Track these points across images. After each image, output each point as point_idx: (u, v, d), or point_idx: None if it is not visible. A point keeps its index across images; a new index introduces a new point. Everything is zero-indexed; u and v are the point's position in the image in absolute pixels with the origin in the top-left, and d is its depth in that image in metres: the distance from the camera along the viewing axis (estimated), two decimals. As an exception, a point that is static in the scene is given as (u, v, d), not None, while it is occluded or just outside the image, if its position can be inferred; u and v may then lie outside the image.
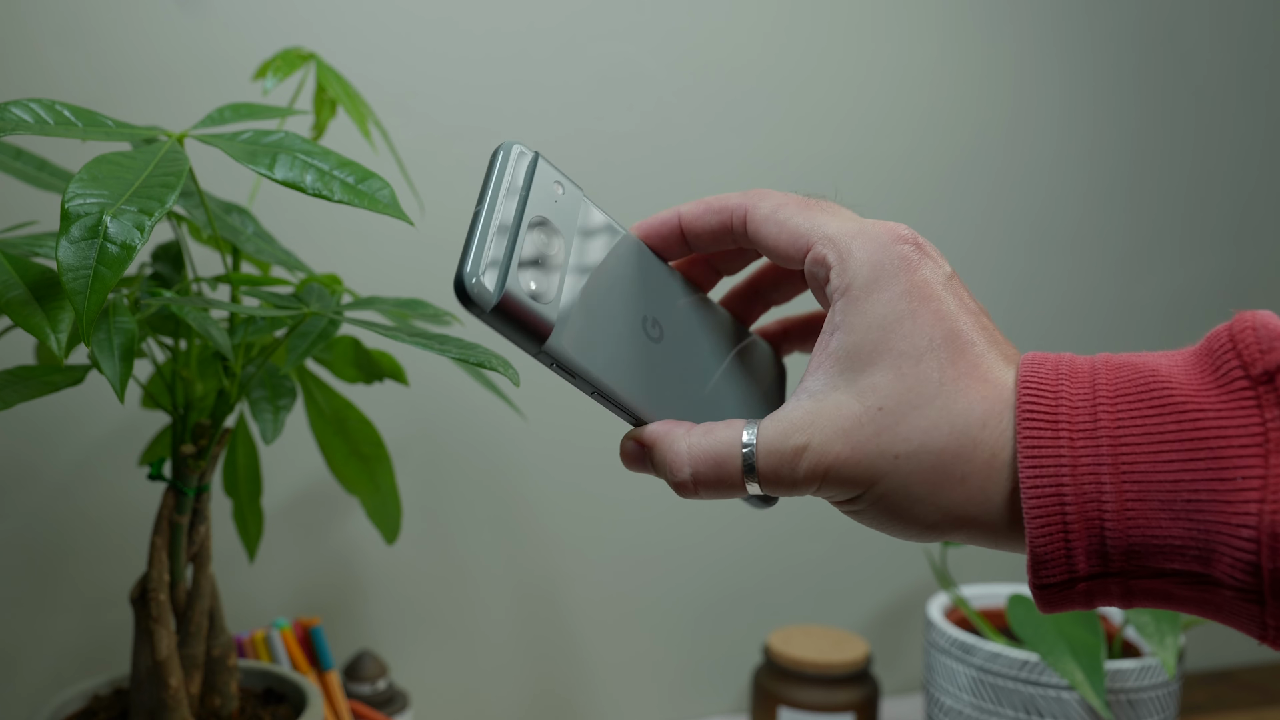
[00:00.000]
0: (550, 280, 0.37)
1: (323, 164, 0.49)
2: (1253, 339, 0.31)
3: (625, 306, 0.40)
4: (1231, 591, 0.31)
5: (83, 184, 0.44)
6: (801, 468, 0.35)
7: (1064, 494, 0.32)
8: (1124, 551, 0.32)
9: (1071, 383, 0.34)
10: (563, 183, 0.39)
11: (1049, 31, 1.06)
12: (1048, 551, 0.33)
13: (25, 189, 0.81)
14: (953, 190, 1.06)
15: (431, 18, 0.89)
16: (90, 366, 0.54)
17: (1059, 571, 0.33)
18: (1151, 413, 0.32)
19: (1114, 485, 0.32)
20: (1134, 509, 0.32)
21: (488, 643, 0.97)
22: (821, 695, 0.89)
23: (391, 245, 0.90)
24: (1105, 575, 0.32)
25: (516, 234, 0.37)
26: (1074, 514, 0.32)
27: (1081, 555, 0.32)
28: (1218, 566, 0.31)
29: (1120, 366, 0.34)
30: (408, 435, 0.92)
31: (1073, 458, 0.32)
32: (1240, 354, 0.32)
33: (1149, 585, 0.32)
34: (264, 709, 0.66)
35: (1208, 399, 0.31)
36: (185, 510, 0.61)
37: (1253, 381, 0.31)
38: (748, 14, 0.97)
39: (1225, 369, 0.32)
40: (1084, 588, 0.33)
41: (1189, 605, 0.33)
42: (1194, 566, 0.31)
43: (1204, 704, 1.09)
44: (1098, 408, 0.33)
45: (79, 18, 0.81)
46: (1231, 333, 0.32)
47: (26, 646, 0.85)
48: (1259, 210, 1.17)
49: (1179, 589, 0.32)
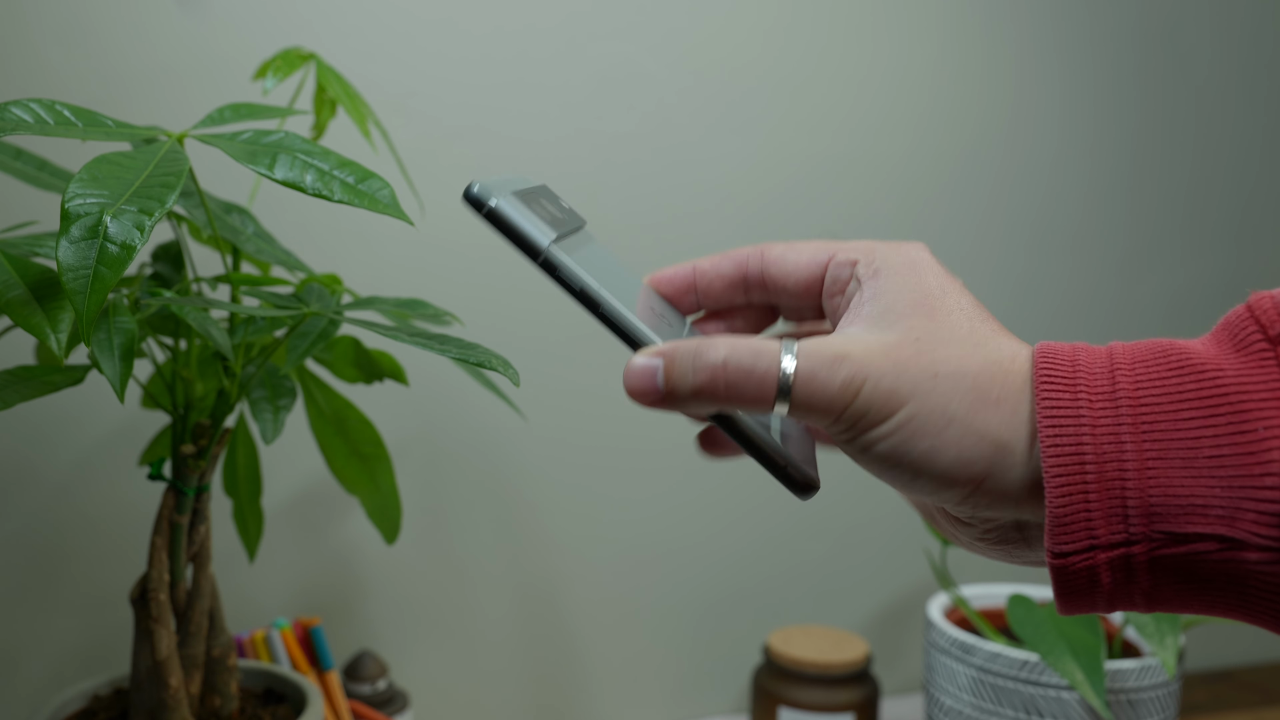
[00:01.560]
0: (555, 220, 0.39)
1: (323, 164, 0.49)
2: (1270, 305, 0.32)
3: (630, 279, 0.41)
4: (1257, 554, 0.30)
5: (83, 184, 0.44)
6: (839, 376, 0.34)
7: (1084, 454, 0.32)
8: (1145, 513, 0.31)
9: (1087, 355, 0.34)
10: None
11: (1049, 31, 1.06)
12: (1067, 512, 0.32)
13: (25, 189, 0.81)
14: (953, 190, 1.06)
15: (432, 18, 0.89)
16: (90, 366, 0.54)
17: (1079, 537, 0.32)
18: (1169, 375, 0.32)
19: (1134, 444, 0.31)
20: (1154, 467, 0.31)
21: (488, 643, 0.97)
22: (821, 695, 0.89)
23: (391, 245, 0.90)
24: (1128, 544, 0.31)
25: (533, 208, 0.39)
26: (1093, 474, 0.32)
27: (1101, 517, 0.32)
28: (1243, 524, 0.30)
29: (1136, 343, 0.34)
30: (408, 435, 0.92)
31: (1092, 418, 0.32)
32: (1258, 320, 0.32)
33: (1174, 556, 0.31)
34: (264, 709, 0.66)
35: (1227, 362, 0.32)
36: (185, 510, 0.61)
37: (1271, 342, 0.31)
38: (747, 14, 0.97)
39: (1243, 336, 0.32)
40: (1105, 561, 0.32)
41: (1215, 590, 0.32)
42: (1218, 528, 0.30)
43: (1204, 704, 1.09)
44: (1115, 372, 0.33)
45: (79, 18, 0.81)
46: (1249, 306, 0.33)
47: (26, 646, 0.85)
48: (1259, 210, 1.17)
49: (1204, 561, 0.31)
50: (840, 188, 1.02)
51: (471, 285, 0.92)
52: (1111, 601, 0.33)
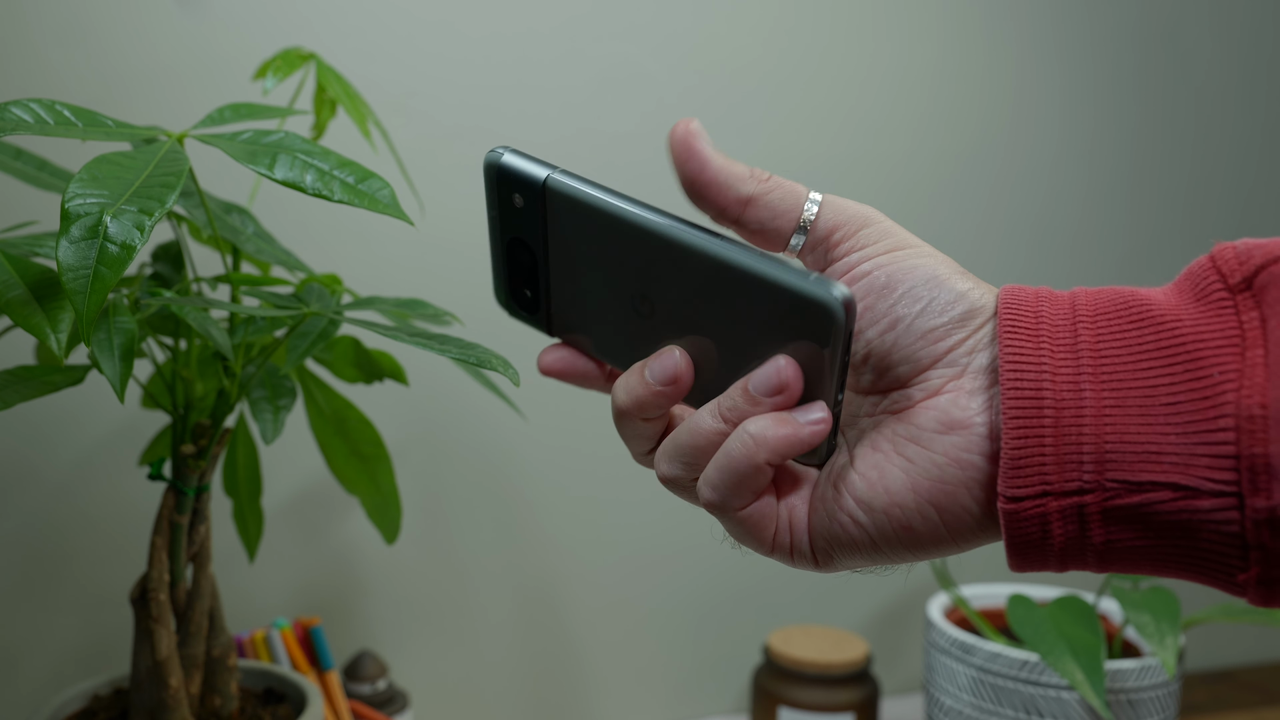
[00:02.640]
0: (536, 283, 0.40)
1: (323, 164, 0.50)
2: (1232, 255, 0.32)
3: (609, 287, 0.38)
4: (1210, 500, 0.30)
5: (83, 184, 0.44)
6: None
7: (1043, 399, 0.32)
8: (1100, 460, 0.31)
9: (1051, 305, 0.34)
10: (521, 187, 0.38)
11: (1049, 31, 1.06)
12: (1021, 455, 0.32)
13: (25, 189, 0.81)
14: (953, 190, 1.06)
15: (432, 18, 0.89)
16: (90, 366, 0.54)
17: (1032, 481, 0.32)
18: (1130, 327, 0.32)
19: (1094, 393, 0.31)
20: (1111, 415, 0.31)
21: (488, 643, 0.97)
22: (821, 695, 0.89)
23: (391, 245, 0.90)
24: (1081, 492, 0.31)
25: (502, 255, 0.41)
26: (1050, 419, 0.32)
27: (1055, 463, 0.31)
28: (1196, 470, 0.30)
29: (1099, 291, 0.34)
30: (408, 435, 0.92)
31: (1054, 367, 0.32)
32: (1219, 269, 0.32)
33: (1127, 506, 0.31)
34: (264, 709, 0.66)
35: (1186, 312, 0.32)
36: (185, 510, 0.61)
37: (1231, 291, 0.31)
38: (749, 15, 0.97)
39: (1204, 286, 0.32)
40: (1057, 510, 0.32)
41: (1167, 543, 0.31)
42: (1172, 475, 0.30)
43: (1204, 704, 1.09)
44: (1078, 324, 0.33)
45: (79, 18, 0.81)
46: (1211, 256, 0.33)
47: (26, 646, 0.85)
48: (1259, 210, 1.17)
49: (1157, 512, 0.31)
50: (841, 188, 1.02)
51: (471, 285, 0.92)
52: (1064, 558, 0.33)
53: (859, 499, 0.35)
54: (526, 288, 0.40)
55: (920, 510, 0.34)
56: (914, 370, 0.35)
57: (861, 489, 0.35)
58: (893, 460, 0.35)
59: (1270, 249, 0.31)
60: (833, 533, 0.36)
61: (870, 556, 0.36)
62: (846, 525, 0.35)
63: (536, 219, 0.39)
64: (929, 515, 0.34)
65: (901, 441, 0.35)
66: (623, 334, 0.39)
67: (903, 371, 0.35)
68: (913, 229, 1.05)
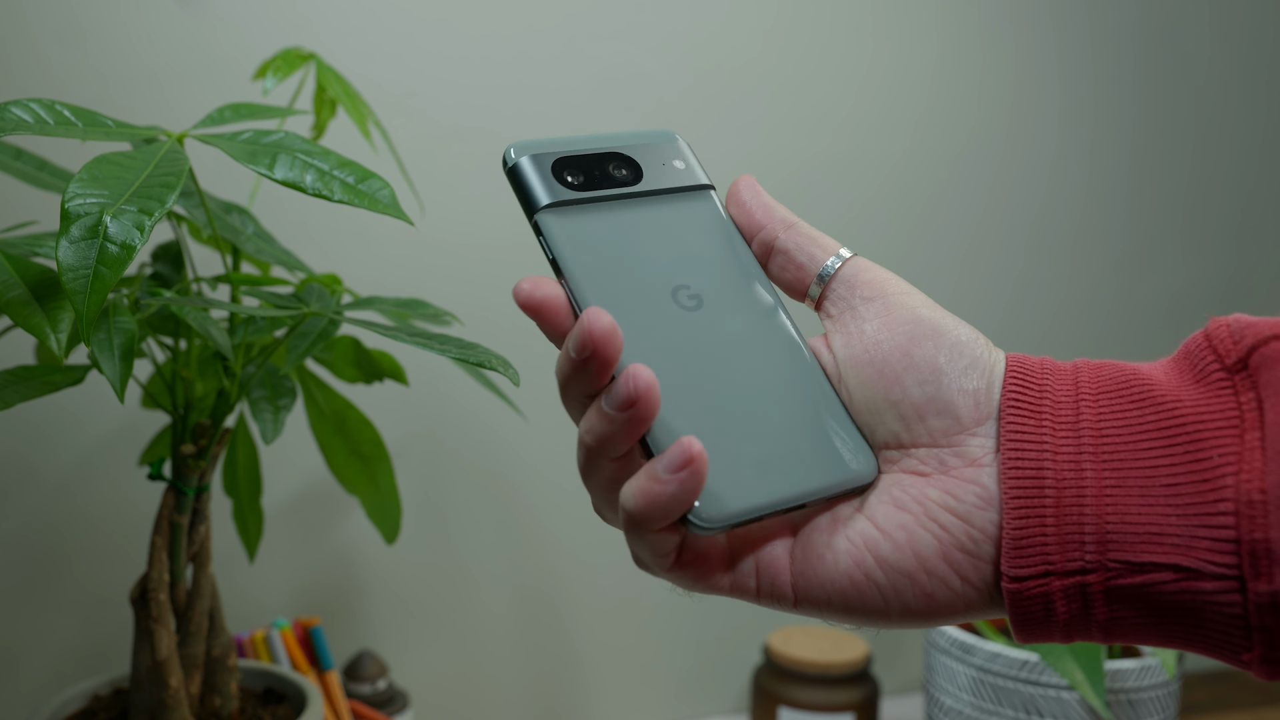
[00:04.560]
0: (579, 185, 0.38)
1: (323, 164, 0.50)
2: (1226, 334, 0.32)
3: (653, 260, 0.37)
4: (1212, 584, 0.30)
5: (83, 184, 0.44)
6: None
7: (1044, 479, 0.32)
8: (1102, 540, 0.31)
9: (1055, 379, 0.34)
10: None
11: (1049, 31, 1.06)
12: (1024, 536, 0.32)
13: (25, 189, 0.81)
14: (953, 190, 1.06)
15: (431, 18, 0.89)
16: (90, 366, 0.54)
17: (1035, 562, 0.32)
18: (1131, 407, 0.32)
19: (1094, 473, 0.32)
20: (1112, 495, 0.31)
21: (488, 643, 0.97)
22: (821, 695, 0.89)
23: (391, 245, 0.90)
24: (1083, 571, 0.31)
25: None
26: (1052, 499, 0.32)
27: (1057, 543, 0.31)
28: (1197, 552, 0.30)
29: (1100, 367, 0.34)
30: (408, 435, 0.92)
31: (1055, 446, 0.32)
32: (1215, 349, 0.32)
33: (1130, 586, 0.31)
34: (264, 709, 0.66)
35: (1186, 393, 0.32)
36: (185, 510, 0.61)
37: (1229, 371, 0.31)
38: (747, 14, 0.97)
39: (1202, 366, 0.32)
40: (1060, 590, 0.32)
41: (1170, 621, 0.31)
42: (1174, 556, 0.30)
43: (1204, 704, 1.09)
44: (1080, 402, 0.33)
45: (79, 18, 0.81)
46: (1206, 334, 0.33)
47: (26, 646, 0.85)
48: (1259, 210, 1.17)
49: (1159, 592, 0.31)
50: (840, 188, 1.02)
51: (471, 285, 0.92)
52: (1068, 632, 0.33)
53: (882, 559, 0.34)
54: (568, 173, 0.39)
55: (946, 580, 0.33)
56: (951, 430, 0.34)
57: (887, 550, 0.34)
58: (925, 525, 0.34)
59: (1260, 328, 0.31)
60: (834, 586, 0.34)
61: (866, 616, 0.35)
62: (858, 583, 0.34)
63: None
64: (954, 585, 0.33)
65: (935, 508, 0.34)
66: (638, 297, 0.38)
67: (936, 427, 0.34)
68: (912, 229, 1.05)
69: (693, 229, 0.38)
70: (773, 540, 0.35)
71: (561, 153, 0.38)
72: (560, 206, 0.37)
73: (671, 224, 0.38)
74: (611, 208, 0.37)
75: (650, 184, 0.38)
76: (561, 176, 0.37)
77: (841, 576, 0.34)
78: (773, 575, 0.35)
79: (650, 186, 0.38)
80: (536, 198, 0.37)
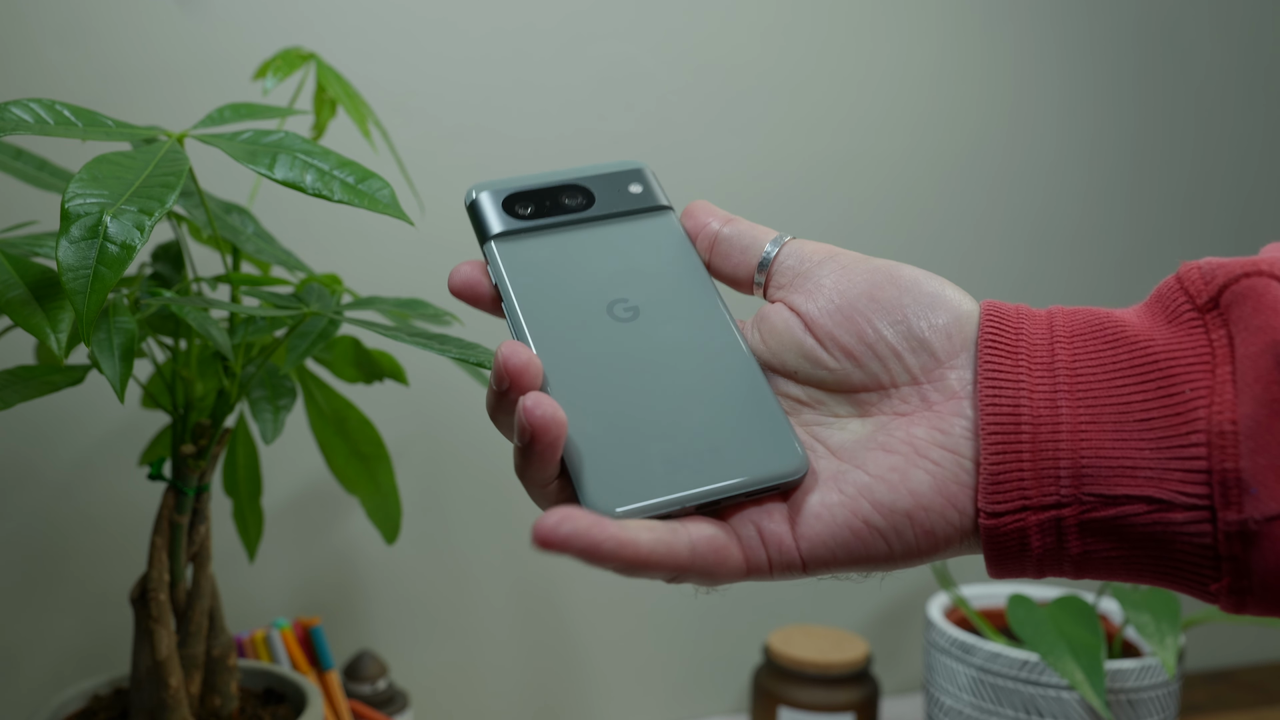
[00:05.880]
0: (525, 215, 0.40)
1: (323, 164, 0.50)
2: (1198, 275, 0.33)
3: (593, 277, 0.39)
4: (1183, 514, 0.31)
5: (83, 184, 0.44)
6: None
7: (1020, 416, 0.33)
8: (1077, 474, 0.32)
9: (1031, 323, 0.35)
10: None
11: (1049, 31, 1.06)
12: (1000, 472, 0.33)
13: (25, 189, 0.81)
14: (953, 190, 1.06)
15: (432, 18, 0.89)
16: (90, 366, 0.54)
17: (1012, 497, 0.32)
18: (1105, 347, 0.33)
19: (1070, 410, 0.32)
20: (1087, 430, 0.32)
21: (488, 642, 0.97)
22: (821, 695, 0.89)
23: (391, 245, 0.90)
24: (1059, 505, 0.32)
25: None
26: (1028, 435, 0.32)
27: (1033, 478, 0.32)
28: (1169, 483, 0.31)
29: (1075, 312, 0.35)
30: (408, 435, 0.92)
31: (1031, 385, 0.33)
32: (1187, 290, 0.33)
33: (1103, 519, 0.32)
34: (264, 709, 0.67)
35: (1158, 333, 0.33)
36: (185, 510, 0.61)
37: (1199, 311, 0.32)
38: (747, 13, 0.97)
39: (1174, 306, 0.33)
40: (1036, 524, 0.32)
41: (1141, 554, 0.32)
42: (1146, 489, 0.31)
43: (1204, 704, 1.09)
44: (1055, 344, 0.34)
45: (79, 18, 0.81)
46: (1178, 277, 0.34)
47: (26, 646, 0.85)
48: (1259, 210, 1.17)
49: (1132, 524, 0.31)
50: (840, 187, 1.02)
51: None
52: (1041, 567, 0.33)
53: (878, 503, 0.34)
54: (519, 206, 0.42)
55: (944, 514, 0.34)
56: (928, 366, 0.35)
57: (882, 493, 0.34)
58: (916, 463, 0.34)
59: (1231, 267, 0.32)
60: (837, 540, 0.34)
61: (874, 563, 0.35)
62: (859, 531, 0.34)
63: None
64: (951, 518, 0.34)
65: (924, 445, 0.34)
66: (574, 315, 0.39)
67: (912, 364, 0.35)
68: (912, 229, 1.05)
69: (639, 244, 0.40)
70: (771, 515, 0.35)
71: (516, 189, 0.40)
72: (508, 236, 0.39)
73: (618, 242, 0.40)
74: (559, 232, 0.40)
75: (602, 209, 0.40)
76: (512, 209, 0.40)
77: (842, 529, 0.34)
78: (779, 546, 0.35)
79: (601, 211, 0.40)
80: (486, 228, 0.39)
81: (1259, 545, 0.30)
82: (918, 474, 0.34)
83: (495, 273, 0.38)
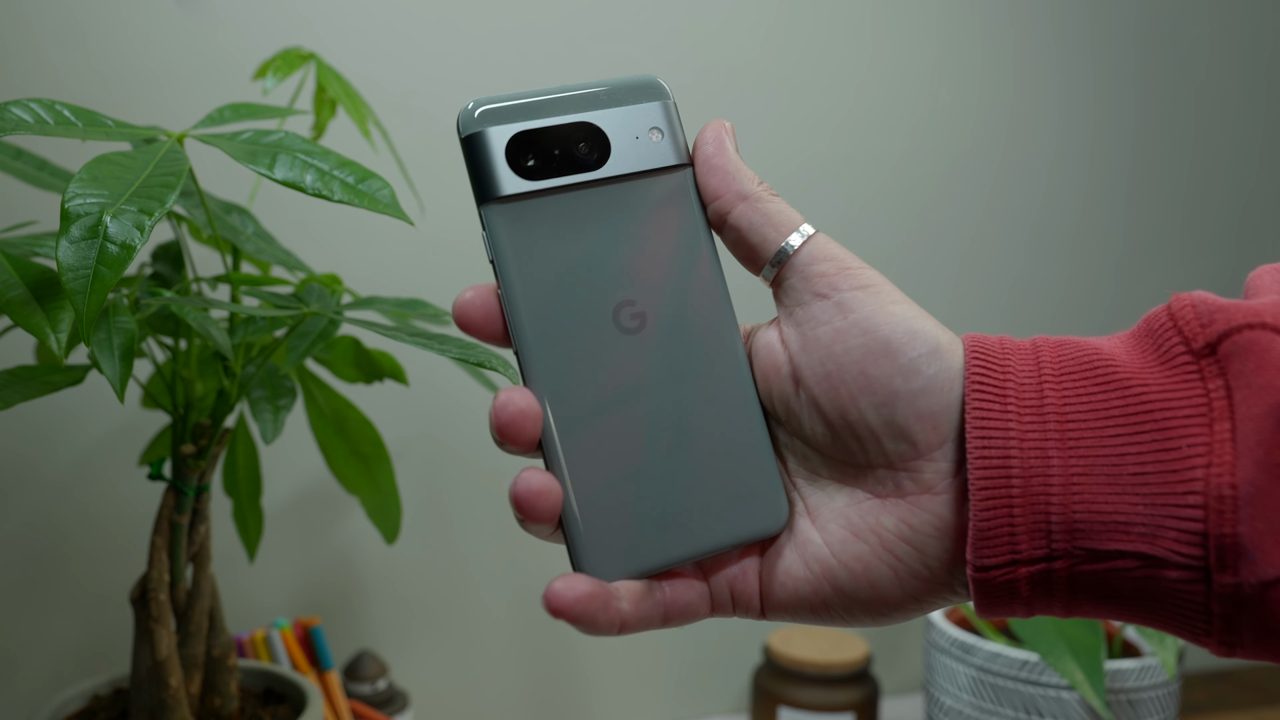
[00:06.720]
0: (538, 175, 0.35)
1: (323, 164, 0.50)
2: (1193, 315, 0.32)
3: (601, 270, 0.36)
4: (1176, 572, 0.30)
5: (83, 184, 0.44)
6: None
7: (1010, 468, 0.32)
8: (1069, 529, 0.31)
9: (1017, 358, 0.33)
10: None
11: (1049, 31, 1.06)
12: (991, 527, 0.32)
13: (25, 189, 0.81)
14: (953, 190, 1.06)
15: (432, 18, 0.89)
16: (90, 366, 0.54)
17: (1002, 551, 0.32)
18: (1096, 390, 0.32)
19: (1060, 461, 0.31)
20: (1079, 484, 0.31)
21: (488, 643, 0.97)
22: (821, 695, 0.89)
23: (391, 245, 0.90)
24: (1049, 559, 0.31)
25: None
26: (1019, 489, 0.31)
27: (1025, 533, 0.31)
28: (1163, 542, 0.30)
29: (1061, 345, 0.34)
30: (408, 435, 0.92)
31: (1021, 433, 0.32)
32: (1181, 330, 0.32)
33: (1093, 573, 0.31)
34: (264, 709, 0.67)
35: (1151, 375, 0.31)
36: (185, 510, 0.61)
37: (1195, 356, 0.31)
38: (747, 13, 0.97)
39: (1167, 346, 0.32)
40: (1026, 575, 0.32)
41: (1132, 603, 0.31)
42: (1139, 545, 0.30)
43: (1204, 704, 1.09)
44: (1044, 384, 0.32)
45: (79, 18, 0.81)
46: (1171, 311, 0.32)
47: (26, 646, 0.85)
48: (1259, 210, 1.17)
49: (1123, 578, 0.31)
50: (840, 187, 1.02)
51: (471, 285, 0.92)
52: (1030, 608, 0.33)
53: (839, 589, 0.35)
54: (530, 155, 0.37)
55: (902, 605, 0.35)
56: (905, 455, 0.34)
57: (844, 580, 0.35)
58: (881, 557, 0.34)
59: (1231, 314, 0.31)
60: (798, 605, 0.36)
61: (829, 624, 0.37)
62: (817, 606, 0.35)
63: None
64: (910, 609, 0.35)
65: (891, 539, 0.34)
66: (575, 322, 0.37)
67: (892, 451, 0.34)
68: (912, 229, 1.05)
69: (653, 224, 0.36)
70: (746, 576, 0.37)
71: (523, 126, 0.36)
72: (511, 201, 0.35)
73: (631, 220, 0.36)
74: (568, 200, 0.35)
75: (616, 167, 0.36)
76: (518, 160, 0.35)
77: (806, 600, 0.36)
78: (746, 605, 0.37)
79: (616, 171, 0.36)
80: (486, 187, 0.35)
81: (1253, 608, 0.29)
82: (881, 569, 0.34)
83: (495, 249, 0.35)
